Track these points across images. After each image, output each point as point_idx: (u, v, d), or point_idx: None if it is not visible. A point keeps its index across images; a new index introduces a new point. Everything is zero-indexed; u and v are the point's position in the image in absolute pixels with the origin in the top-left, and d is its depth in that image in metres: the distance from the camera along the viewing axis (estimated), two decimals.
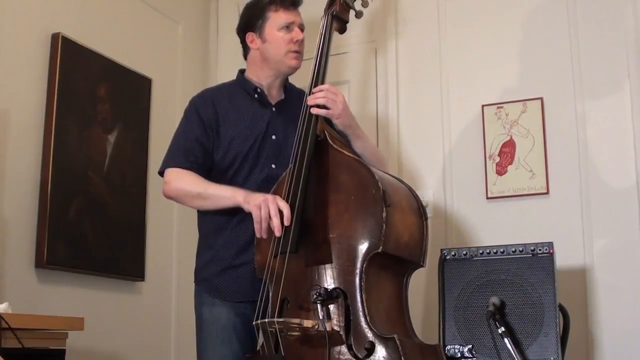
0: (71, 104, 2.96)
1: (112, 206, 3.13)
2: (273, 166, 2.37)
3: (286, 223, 2.08)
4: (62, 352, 2.32)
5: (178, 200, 2.41)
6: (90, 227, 3.00)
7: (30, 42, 2.87)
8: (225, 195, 2.27)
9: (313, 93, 2.31)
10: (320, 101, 2.28)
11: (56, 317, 2.42)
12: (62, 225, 2.87)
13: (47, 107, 2.88)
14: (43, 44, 2.90)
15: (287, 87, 2.52)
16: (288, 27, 2.41)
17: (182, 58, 3.69)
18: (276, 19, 2.41)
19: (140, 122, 3.35)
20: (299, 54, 2.42)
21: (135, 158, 3.28)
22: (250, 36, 2.46)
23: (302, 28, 2.45)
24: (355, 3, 2.53)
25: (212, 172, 2.39)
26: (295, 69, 2.46)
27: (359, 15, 2.56)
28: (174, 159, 2.38)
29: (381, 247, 2.02)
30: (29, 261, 2.76)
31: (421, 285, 2.93)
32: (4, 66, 2.75)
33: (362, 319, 1.99)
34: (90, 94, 3.07)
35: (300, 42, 2.42)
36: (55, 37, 2.92)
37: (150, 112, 3.40)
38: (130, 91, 3.31)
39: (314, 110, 2.27)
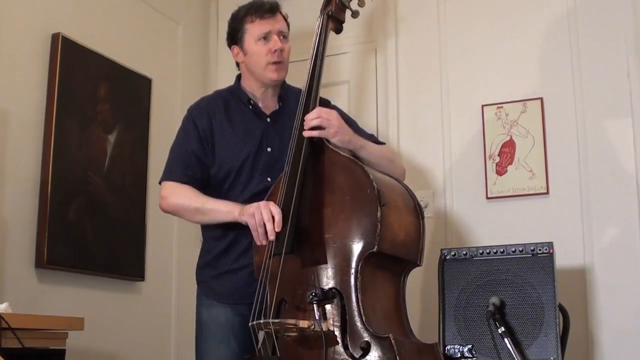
0: (71, 104, 2.96)
1: (112, 206, 3.12)
2: (269, 179, 2.35)
3: (277, 229, 2.09)
4: (62, 352, 2.32)
5: (176, 214, 2.41)
6: (90, 227, 3.00)
7: (30, 42, 2.86)
8: (222, 209, 2.27)
9: (305, 121, 2.24)
10: (315, 122, 2.22)
11: (56, 317, 2.42)
12: (62, 225, 2.87)
13: (47, 107, 2.87)
14: (43, 44, 2.90)
15: (282, 95, 2.47)
16: (265, 38, 2.35)
17: (182, 58, 3.68)
18: (253, 30, 2.37)
19: (140, 122, 3.35)
20: (279, 64, 2.36)
21: (135, 158, 3.28)
22: (235, 49, 2.44)
23: (282, 34, 2.39)
24: (351, 3, 2.51)
25: (209, 185, 2.38)
26: (277, 81, 2.41)
27: (355, 15, 2.53)
28: (172, 172, 2.38)
29: (376, 247, 2.02)
30: (29, 261, 2.76)
31: (420, 285, 2.93)
32: (4, 66, 2.75)
33: (358, 319, 1.99)
34: (90, 94, 3.07)
35: (280, 52, 2.36)
36: (55, 37, 2.92)
37: (150, 112, 3.40)
38: (130, 91, 3.31)
39: (309, 133, 2.21)
